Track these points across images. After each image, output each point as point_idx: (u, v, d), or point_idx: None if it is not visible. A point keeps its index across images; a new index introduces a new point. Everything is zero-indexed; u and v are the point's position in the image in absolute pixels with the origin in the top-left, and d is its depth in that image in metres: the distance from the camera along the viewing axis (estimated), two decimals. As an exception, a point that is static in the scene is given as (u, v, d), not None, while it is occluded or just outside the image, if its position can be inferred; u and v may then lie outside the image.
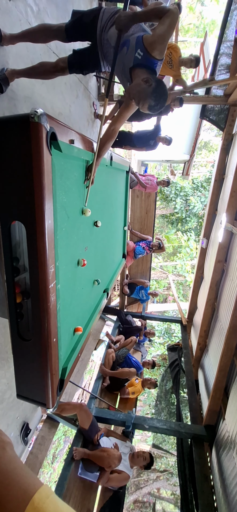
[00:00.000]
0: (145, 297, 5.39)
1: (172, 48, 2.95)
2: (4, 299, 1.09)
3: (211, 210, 4.16)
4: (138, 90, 1.35)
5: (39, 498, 0.43)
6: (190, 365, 4.04)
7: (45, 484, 0.46)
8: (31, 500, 0.42)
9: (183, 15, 11.31)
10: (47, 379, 1.06)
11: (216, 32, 10.51)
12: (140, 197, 5.19)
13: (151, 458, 2.73)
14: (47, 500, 0.43)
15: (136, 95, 1.36)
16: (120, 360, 3.96)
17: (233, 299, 2.65)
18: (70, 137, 1.15)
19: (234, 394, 2.45)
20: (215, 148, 13.97)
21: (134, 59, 1.42)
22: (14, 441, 2.35)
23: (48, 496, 0.44)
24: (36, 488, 0.44)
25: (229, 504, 2.07)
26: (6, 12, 1.74)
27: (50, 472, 8.58)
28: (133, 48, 1.41)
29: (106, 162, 1.90)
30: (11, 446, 0.51)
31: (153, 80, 1.33)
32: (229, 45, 3.13)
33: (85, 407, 2.72)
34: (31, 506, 0.42)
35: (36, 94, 2.16)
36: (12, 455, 0.49)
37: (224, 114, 3.68)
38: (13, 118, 0.91)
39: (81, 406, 2.69)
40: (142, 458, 2.70)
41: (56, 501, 0.44)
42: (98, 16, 1.63)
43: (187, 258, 10.46)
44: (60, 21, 2.47)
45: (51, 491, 0.46)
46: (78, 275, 1.49)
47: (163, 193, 9.76)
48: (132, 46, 1.42)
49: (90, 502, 2.44)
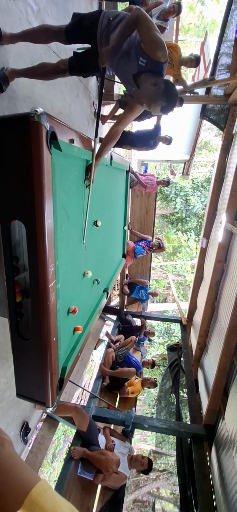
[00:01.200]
0: (144, 297, 5.39)
1: (172, 47, 2.96)
2: (4, 298, 1.09)
3: (211, 210, 4.16)
4: (148, 94, 1.38)
5: (36, 493, 0.44)
6: (189, 365, 4.04)
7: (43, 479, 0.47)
8: (29, 494, 0.43)
9: (183, 14, 11.30)
10: (47, 378, 1.06)
11: (216, 31, 10.50)
12: (140, 197, 5.19)
13: (149, 464, 2.68)
14: (45, 494, 0.44)
15: (147, 100, 1.39)
16: (120, 359, 3.96)
17: (233, 299, 2.66)
18: (70, 137, 1.15)
19: (234, 394, 2.45)
20: (215, 148, 13.96)
21: (138, 66, 1.44)
22: (14, 440, 2.36)
23: (46, 491, 0.45)
24: (34, 483, 0.45)
25: (228, 503, 2.07)
26: (6, 11, 1.74)
27: (49, 471, 8.59)
28: (133, 58, 1.44)
29: (106, 162, 1.90)
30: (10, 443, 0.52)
31: (161, 82, 1.36)
32: (229, 45, 3.13)
33: (81, 409, 2.69)
34: (29, 500, 0.42)
35: (36, 93, 2.16)
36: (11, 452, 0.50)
37: (224, 114, 3.67)
38: (13, 117, 0.91)
39: (77, 409, 2.65)
40: (139, 464, 2.66)
41: (54, 495, 0.45)
42: (98, 20, 1.63)
43: (187, 258, 10.46)
44: (60, 21, 2.48)
45: (49, 486, 0.46)
46: (78, 274, 1.49)
47: (163, 193, 9.76)
48: (132, 56, 1.44)
49: (90, 501, 2.44)
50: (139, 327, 4.91)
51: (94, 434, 2.71)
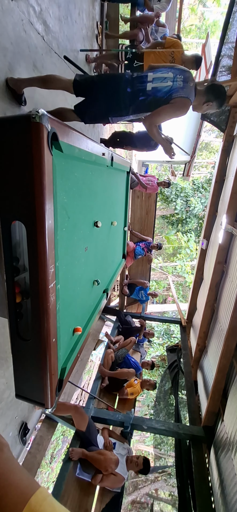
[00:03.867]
0: (144, 298, 5.39)
1: (173, 46, 2.93)
2: (3, 298, 1.08)
3: (211, 211, 4.16)
4: (206, 110, 1.86)
5: (36, 501, 0.43)
6: (189, 366, 4.04)
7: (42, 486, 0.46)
8: (28, 502, 0.42)
9: (184, 16, 11.32)
10: (46, 379, 1.06)
11: (218, 33, 10.52)
12: (140, 198, 5.19)
13: (144, 464, 2.63)
14: (44, 502, 0.43)
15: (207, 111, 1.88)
16: (119, 360, 3.96)
17: (232, 300, 2.65)
18: (71, 137, 1.15)
19: (233, 396, 2.45)
20: (215, 150, 13.97)
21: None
22: (13, 441, 2.35)
23: (45, 499, 0.44)
24: (34, 491, 0.44)
25: (227, 505, 2.07)
26: (8, 12, 1.74)
27: (48, 472, 8.58)
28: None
29: (107, 163, 1.90)
30: (8, 447, 0.51)
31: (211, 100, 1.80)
32: (231, 46, 3.14)
33: (81, 409, 2.69)
34: (28, 508, 0.42)
35: (37, 94, 2.16)
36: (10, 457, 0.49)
37: (225, 115, 3.68)
38: (14, 118, 0.91)
39: (76, 409, 2.65)
40: (134, 464, 2.62)
41: (53, 503, 0.44)
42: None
43: (187, 259, 10.47)
44: (62, 21, 2.48)
45: (48, 493, 0.45)
46: (78, 275, 1.49)
47: (164, 193, 9.77)
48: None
49: (88, 502, 2.43)
50: (139, 328, 4.91)
51: (93, 434, 2.71)
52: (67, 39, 2.63)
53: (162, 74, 1.76)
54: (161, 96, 1.74)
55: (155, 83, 1.74)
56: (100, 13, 3.71)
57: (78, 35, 2.93)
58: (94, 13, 3.44)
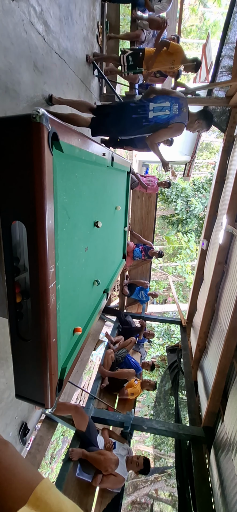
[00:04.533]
0: (144, 298, 5.39)
1: (174, 54, 2.93)
2: (4, 298, 1.08)
3: (212, 212, 4.16)
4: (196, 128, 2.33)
5: (41, 489, 0.46)
6: (189, 367, 4.03)
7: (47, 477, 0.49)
8: (34, 491, 0.45)
9: (185, 16, 11.32)
10: (46, 379, 1.06)
11: (218, 34, 10.52)
12: (140, 198, 5.19)
13: (145, 464, 2.63)
14: (49, 491, 0.46)
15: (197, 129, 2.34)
16: (119, 360, 3.96)
17: (233, 301, 2.65)
18: (71, 137, 1.15)
19: (233, 396, 2.45)
20: (216, 150, 13.97)
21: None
22: (13, 441, 2.35)
23: (50, 488, 0.47)
24: (39, 481, 0.47)
25: (227, 506, 2.07)
26: (9, 12, 1.74)
27: (48, 472, 8.58)
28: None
29: (107, 163, 1.90)
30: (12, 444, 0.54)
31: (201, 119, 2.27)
32: (231, 47, 3.14)
33: (81, 409, 2.69)
34: (34, 496, 0.44)
35: (38, 94, 2.16)
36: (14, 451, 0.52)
37: (226, 116, 3.68)
38: (14, 118, 0.91)
39: (77, 409, 2.65)
40: (135, 464, 2.62)
41: (58, 493, 0.47)
42: None
43: (187, 260, 10.46)
44: (62, 21, 2.48)
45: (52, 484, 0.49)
46: (78, 275, 1.49)
47: (164, 194, 9.76)
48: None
49: (88, 503, 2.43)
50: (139, 328, 4.91)
51: (94, 435, 2.70)
52: (68, 40, 2.63)
53: (161, 104, 2.18)
54: (160, 122, 2.20)
55: (155, 112, 2.18)
56: (101, 14, 3.71)
57: (79, 35, 2.93)
58: (95, 13, 3.44)
